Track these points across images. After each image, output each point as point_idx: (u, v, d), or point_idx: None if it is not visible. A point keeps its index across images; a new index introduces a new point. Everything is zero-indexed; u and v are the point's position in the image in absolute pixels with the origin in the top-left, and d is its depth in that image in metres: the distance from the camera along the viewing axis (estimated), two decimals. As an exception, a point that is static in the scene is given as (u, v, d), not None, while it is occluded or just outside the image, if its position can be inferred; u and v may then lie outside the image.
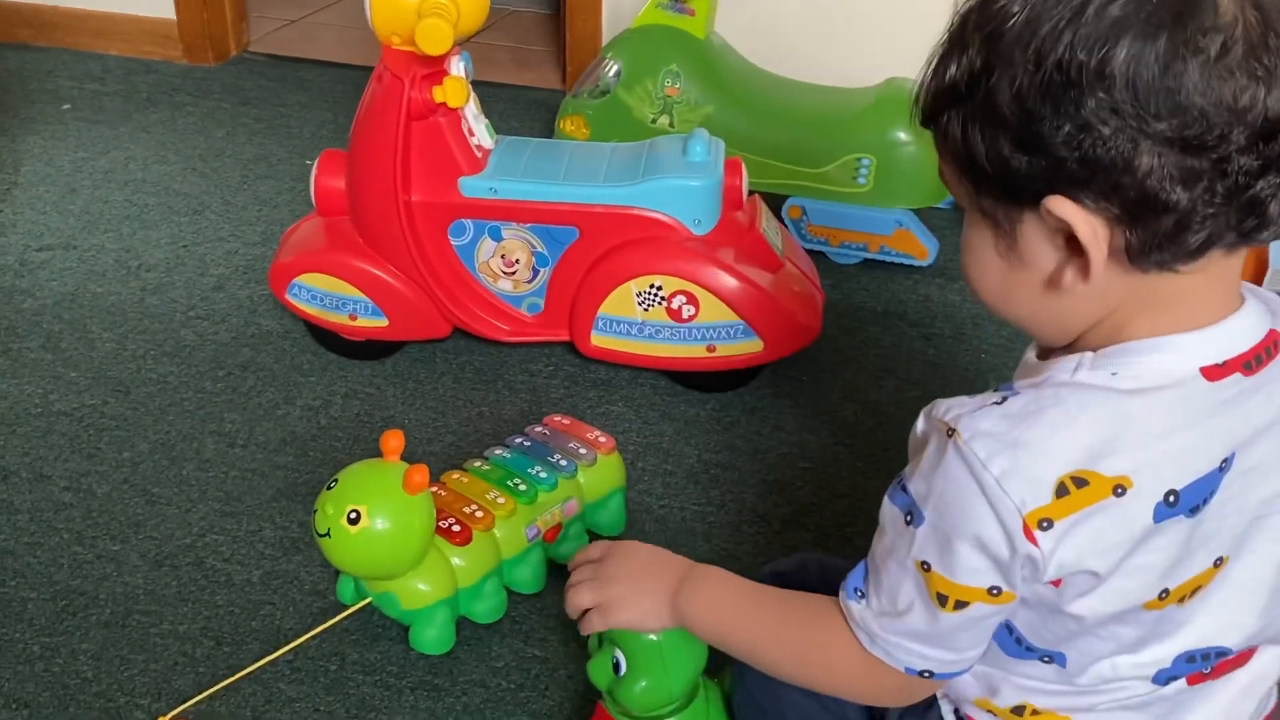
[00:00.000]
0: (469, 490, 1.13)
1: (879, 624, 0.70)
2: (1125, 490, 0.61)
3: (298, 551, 1.21)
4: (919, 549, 0.66)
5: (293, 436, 1.38)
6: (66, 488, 1.29)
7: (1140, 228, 0.59)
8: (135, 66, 2.42)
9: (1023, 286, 0.65)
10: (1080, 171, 0.58)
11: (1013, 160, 0.60)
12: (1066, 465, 0.61)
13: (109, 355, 1.51)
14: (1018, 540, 0.62)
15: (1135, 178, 0.57)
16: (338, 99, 2.29)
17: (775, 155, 1.72)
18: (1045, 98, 0.58)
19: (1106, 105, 0.56)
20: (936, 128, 0.65)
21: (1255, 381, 0.64)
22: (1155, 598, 0.65)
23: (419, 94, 1.33)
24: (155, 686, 1.06)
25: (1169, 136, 0.56)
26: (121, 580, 1.17)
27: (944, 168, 0.66)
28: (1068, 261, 0.62)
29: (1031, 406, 0.62)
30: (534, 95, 2.35)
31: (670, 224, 1.38)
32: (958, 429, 0.62)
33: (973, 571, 0.64)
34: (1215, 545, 0.66)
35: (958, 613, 0.66)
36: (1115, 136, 0.57)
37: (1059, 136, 0.58)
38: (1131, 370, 0.62)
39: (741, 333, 1.39)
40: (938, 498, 0.64)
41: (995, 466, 0.61)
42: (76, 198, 1.90)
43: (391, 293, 1.43)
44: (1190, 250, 0.59)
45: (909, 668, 0.70)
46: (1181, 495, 0.62)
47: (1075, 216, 0.59)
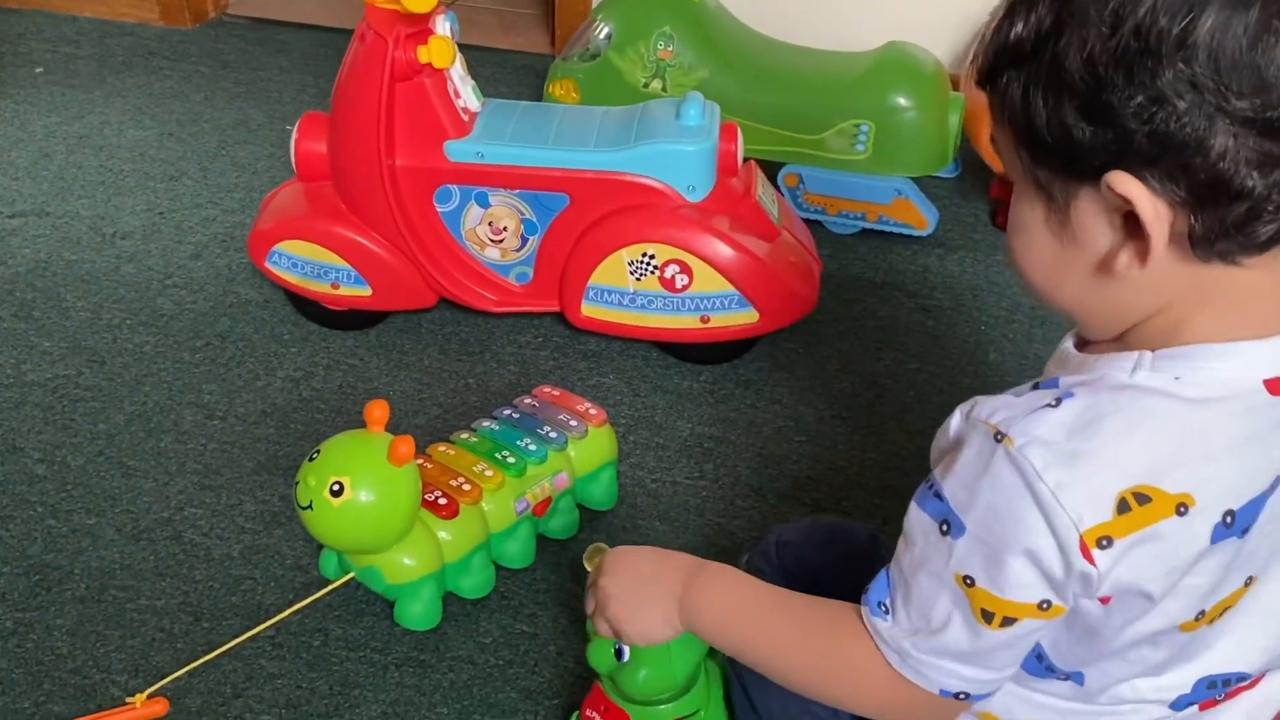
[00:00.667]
0: (456, 463, 1.13)
1: (911, 642, 0.67)
2: (1188, 509, 0.59)
3: (279, 525, 1.20)
4: (959, 562, 0.63)
5: (273, 408, 1.37)
6: (40, 460, 1.28)
7: (1207, 213, 0.56)
8: (110, 29, 2.40)
9: (1073, 268, 0.62)
10: (1149, 148, 0.55)
11: (1076, 130, 0.57)
12: (1129, 479, 0.58)
13: (83, 325, 1.50)
14: (1073, 557, 0.59)
15: (1208, 159, 0.54)
16: (318, 63, 2.27)
17: (771, 121, 1.71)
18: (1119, 64, 0.54)
19: (1185, 77, 0.53)
20: (994, 89, 0.62)
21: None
22: (1192, 619, 0.64)
23: (403, 54, 1.31)
24: (132, 663, 1.05)
25: (1249, 116, 0.53)
26: (97, 554, 1.16)
27: (997, 133, 0.63)
28: (1123, 244, 0.59)
29: (1090, 413, 0.59)
30: (521, 59, 2.33)
31: (663, 190, 1.37)
32: (1009, 434, 0.60)
33: (1023, 586, 0.61)
34: (1249, 565, 0.64)
35: (1004, 630, 0.63)
36: (1191, 112, 0.54)
37: (1130, 108, 0.55)
38: (1195, 376, 0.59)
39: (736, 303, 1.39)
40: (984, 507, 0.61)
41: (1051, 477, 0.58)
42: (49, 163, 1.88)
43: (375, 261, 1.42)
44: (1259, 242, 0.57)
45: (944, 689, 0.67)
46: (1238, 516, 0.60)
47: (1139, 195, 0.56)
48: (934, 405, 1.40)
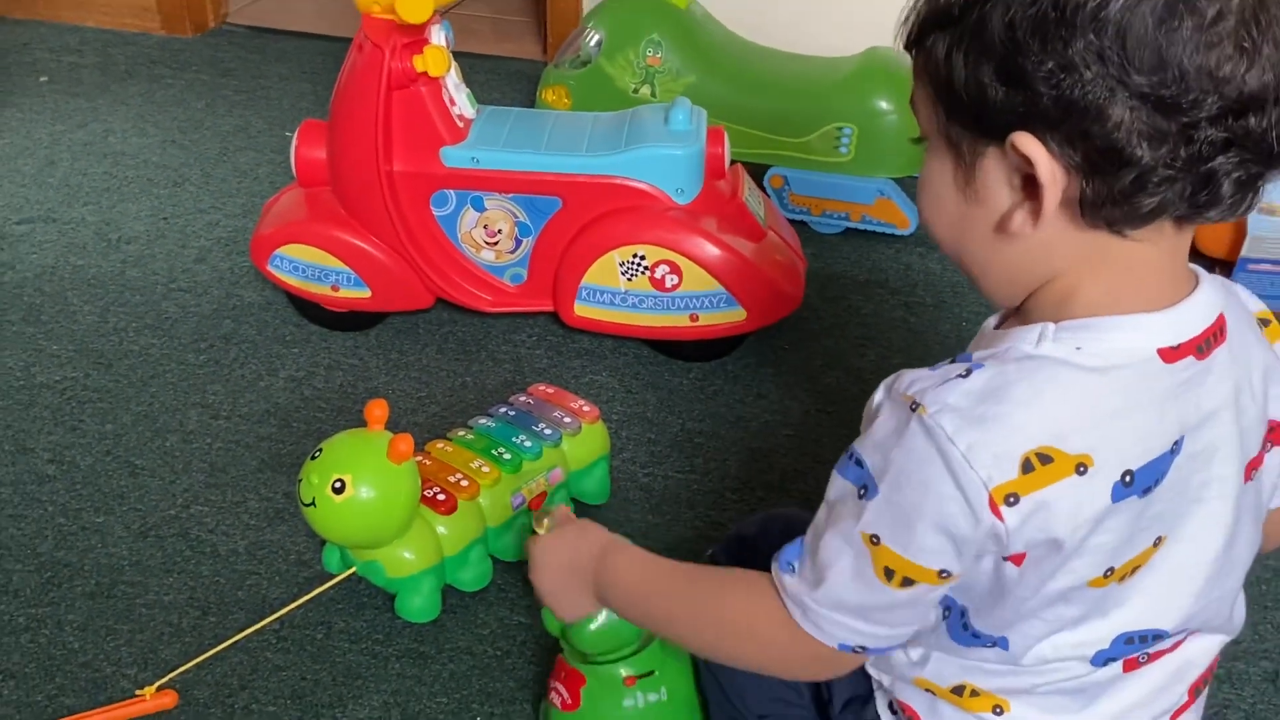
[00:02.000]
0: (454, 459, 1.13)
1: (812, 597, 0.68)
2: (1087, 468, 0.61)
3: (283, 522, 1.20)
4: (869, 522, 0.64)
5: (276, 408, 1.37)
6: (50, 460, 1.28)
7: (1098, 179, 0.58)
8: (113, 38, 2.39)
9: (975, 226, 0.65)
10: (1054, 112, 0.58)
11: (990, 90, 0.59)
12: (1032, 441, 0.60)
13: (90, 328, 1.50)
14: (982, 514, 0.61)
15: (1105, 127, 0.57)
16: (317, 70, 2.27)
17: (757, 125, 1.71)
18: (1035, 32, 0.57)
19: (1094, 49, 0.56)
20: (920, 50, 0.64)
21: (1205, 365, 0.64)
22: (1100, 575, 0.65)
23: (399, 63, 1.31)
24: (141, 656, 1.05)
25: (1145, 92, 0.56)
26: (106, 552, 1.16)
27: (917, 93, 0.66)
28: (1020, 204, 0.62)
29: (997, 380, 0.61)
30: (515, 66, 2.33)
31: (653, 193, 1.37)
32: (923, 403, 0.61)
33: (928, 551, 0.63)
34: (1158, 526, 0.66)
35: (903, 590, 0.65)
36: (1095, 82, 0.56)
37: (1040, 72, 0.57)
38: (1094, 346, 0.62)
39: (724, 302, 1.39)
40: (897, 471, 0.63)
41: (962, 441, 0.60)
42: (55, 170, 1.88)
43: (374, 263, 1.42)
44: (1141, 213, 0.59)
45: (842, 643, 0.69)
46: (1137, 476, 0.62)
47: (1039, 155, 0.59)
48: (916, 399, 1.40)
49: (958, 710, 0.73)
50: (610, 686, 0.91)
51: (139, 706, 1.00)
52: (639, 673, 0.90)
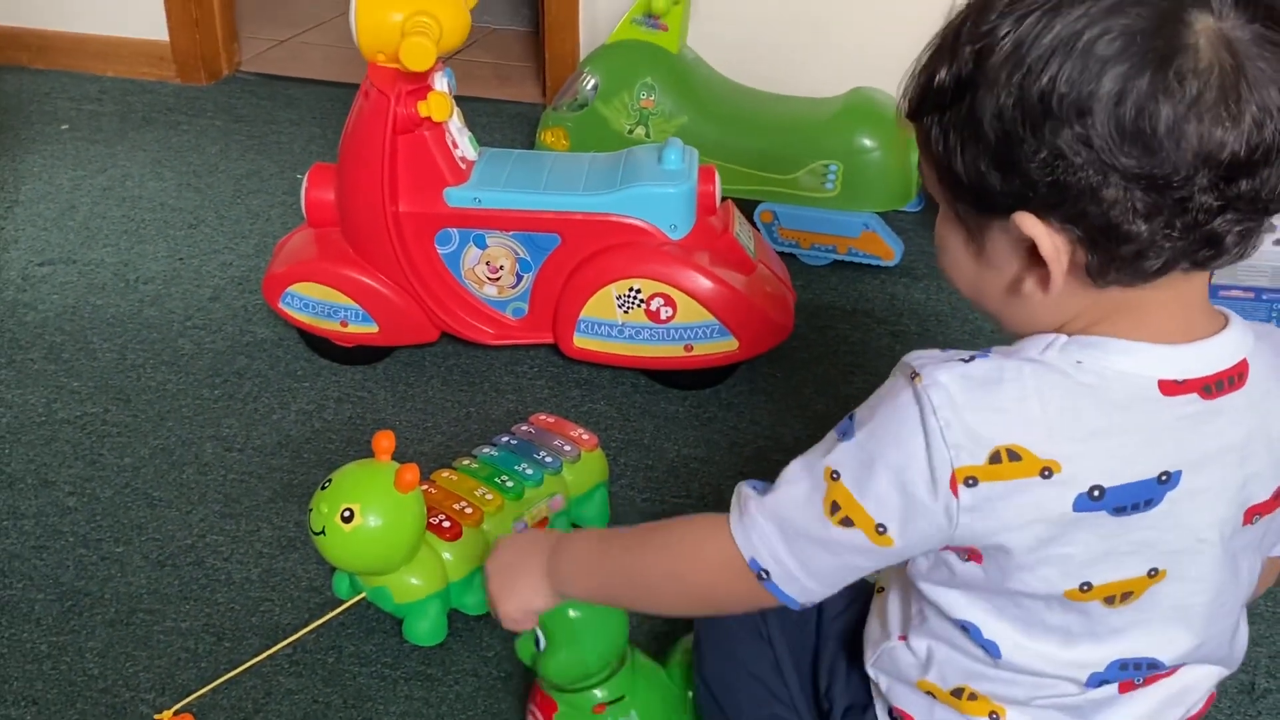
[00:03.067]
0: (458, 488, 1.13)
1: (756, 503, 0.69)
2: (1052, 473, 0.61)
3: (294, 550, 1.20)
4: (836, 459, 0.65)
5: (288, 440, 1.37)
6: (71, 493, 1.28)
7: (1101, 251, 0.59)
8: (131, 87, 2.41)
9: (991, 286, 0.66)
10: (1050, 195, 0.58)
11: (988, 176, 0.60)
12: (1007, 436, 0.61)
13: (110, 365, 1.51)
14: (941, 487, 0.62)
15: (1100, 207, 0.58)
16: (326, 115, 2.28)
17: (747, 163, 1.72)
18: (1025, 123, 0.58)
19: (1081, 138, 0.56)
20: (919, 126, 0.65)
21: (1213, 406, 0.63)
22: (1076, 588, 0.65)
23: (404, 109, 1.33)
24: (159, 682, 1.05)
25: (1136, 173, 0.56)
26: (125, 580, 1.16)
27: (923, 164, 0.67)
28: (1028, 270, 0.63)
29: (994, 374, 0.62)
30: (515, 109, 2.35)
31: (648, 229, 1.38)
32: (921, 373, 0.63)
33: (878, 500, 0.64)
34: (1150, 555, 0.65)
35: (839, 529, 0.65)
36: (1086, 167, 0.57)
37: (1034, 160, 0.58)
38: (1094, 364, 0.62)
39: (717, 332, 1.40)
40: (877, 423, 0.64)
41: (943, 416, 0.61)
42: (76, 214, 1.89)
43: (381, 300, 1.43)
44: (1147, 274, 0.60)
45: (753, 559, 0.68)
46: (1108, 493, 0.62)
47: (1040, 234, 0.60)
48: (903, 424, 1.41)
49: (955, 714, 0.73)
50: (580, 713, 0.90)
51: (157, 730, 1.00)
52: (609, 699, 0.89)
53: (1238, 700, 1.05)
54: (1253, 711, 1.04)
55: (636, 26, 1.80)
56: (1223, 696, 1.04)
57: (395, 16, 1.27)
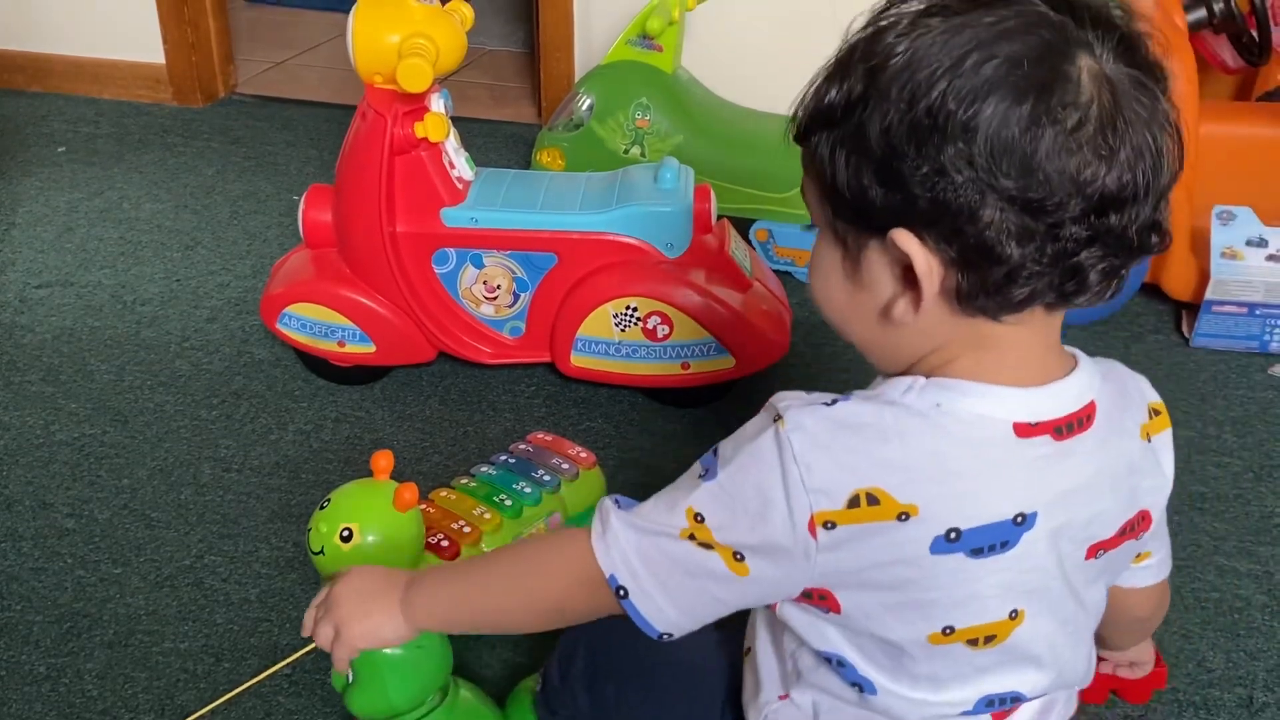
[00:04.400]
0: (457, 507, 1.14)
1: (617, 518, 0.69)
2: (909, 517, 0.62)
3: (293, 570, 1.21)
4: (699, 500, 0.66)
5: (286, 460, 1.38)
6: (69, 514, 1.28)
7: (972, 273, 0.60)
8: (127, 109, 2.42)
9: (861, 310, 0.67)
10: (929, 211, 0.60)
11: (870, 190, 0.61)
12: (866, 481, 0.62)
13: (107, 386, 1.51)
14: (799, 530, 0.63)
15: (977, 227, 0.59)
16: (322, 137, 2.30)
17: (742, 181, 1.73)
18: (910, 138, 0.59)
19: (964, 156, 0.58)
20: (806, 146, 0.66)
21: (1064, 447, 0.64)
22: (939, 631, 0.66)
23: (401, 130, 1.34)
24: (158, 703, 1.05)
25: (1013, 195, 0.58)
26: (124, 601, 1.16)
27: (806, 185, 0.67)
28: (902, 293, 0.63)
29: (854, 418, 0.63)
30: (511, 130, 2.36)
31: (644, 248, 1.39)
32: (784, 417, 0.63)
33: (737, 543, 0.65)
34: (1011, 597, 0.66)
35: (698, 550, 0.66)
36: (967, 185, 0.58)
37: (916, 176, 0.59)
38: (952, 406, 0.63)
39: (714, 350, 1.40)
40: (738, 466, 0.65)
41: (803, 461, 0.62)
42: (73, 236, 1.90)
43: (378, 320, 1.44)
44: (1014, 303, 0.61)
45: (613, 575, 0.68)
46: (964, 535, 0.63)
47: (916, 251, 0.61)
48: (900, 440, 1.41)
49: None
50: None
51: (156, 751, 1.00)
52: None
53: (1236, 714, 1.05)
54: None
55: (631, 47, 1.81)
56: (1220, 710, 1.05)
57: (392, 38, 1.28)
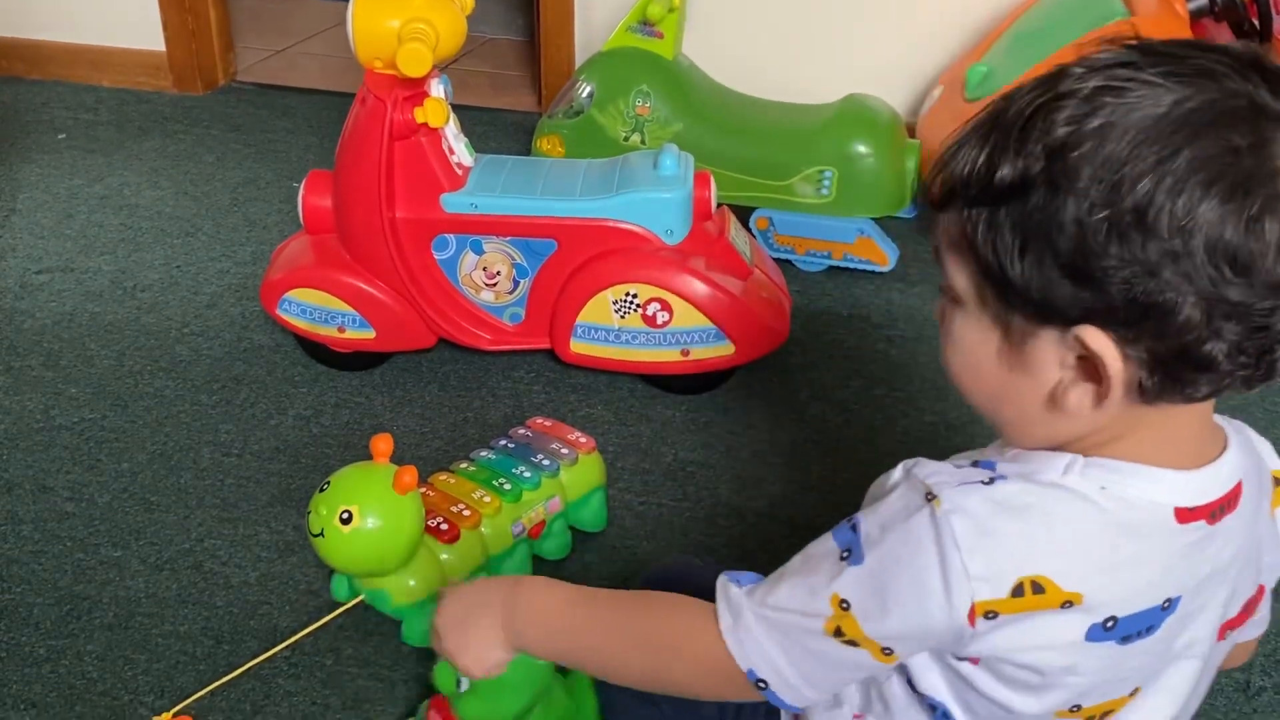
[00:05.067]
0: (456, 490, 1.14)
1: (752, 614, 0.65)
2: (1073, 605, 0.59)
3: (293, 554, 1.21)
4: (844, 586, 0.62)
5: (285, 445, 1.38)
6: (69, 498, 1.29)
7: (1163, 372, 0.56)
8: (127, 97, 2.42)
9: (1020, 394, 0.61)
10: (1125, 312, 0.55)
11: (1055, 286, 0.56)
12: (1031, 569, 0.58)
13: (107, 371, 1.51)
14: (958, 618, 0.59)
15: (1177, 329, 0.54)
16: (322, 124, 2.29)
17: (742, 169, 1.73)
18: (1111, 234, 0.53)
19: (1171, 255, 0.53)
20: (957, 216, 0.60)
21: (1213, 530, 0.62)
22: (1067, 710, 0.64)
23: (401, 115, 1.34)
24: (158, 684, 1.06)
25: (1226, 298, 0.53)
26: (123, 584, 1.17)
27: (948, 254, 0.62)
28: (1073, 383, 0.59)
29: (1018, 499, 0.59)
30: (511, 118, 2.36)
31: (644, 235, 1.39)
32: (939, 496, 0.59)
33: (887, 636, 0.61)
34: (1136, 678, 0.65)
35: (845, 648, 0.62)
36: (1172, 288, 0.53)
37: (1116, 276, 0.54)
38: (1117, 490, 0.60)
39: (714, 337, 1.41)
40: (888, 551, 0.60)
41: (965, 545, 0.58)
42: (73, 222, 1.90)
43: (378, 306, 1.44)
44: (1198, 397, 0.58)
45: (751, 670, 0.65)
46: (1120, 623, 0.61)
47: (1108, 352, 0.56)
48: (899, 428, 1.42)
49: None
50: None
51: (156, 732, 1.00)
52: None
53: (1233, 699, 1.05)
54: (1248, 709, 1.04)
55: (632, 34, 1.81)
56: (1218, 694, 1.05)
57: (392, 23, 1.28)
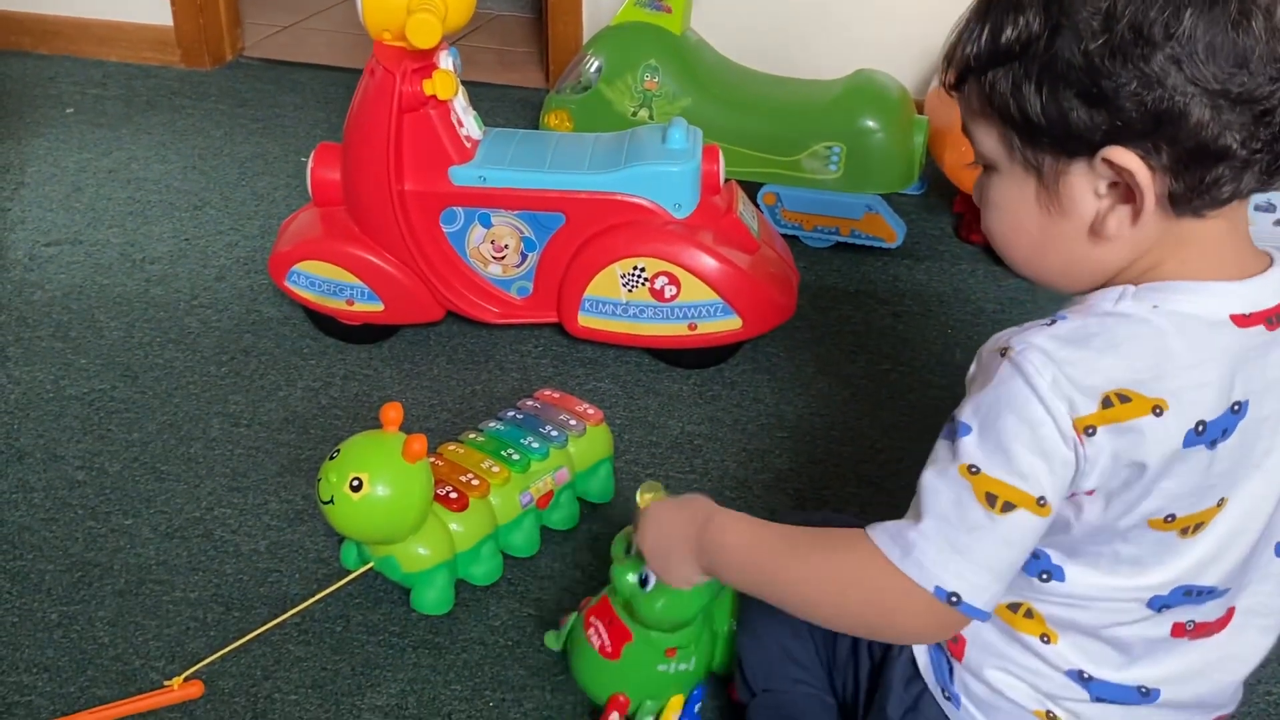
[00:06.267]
0: (465, 460, 1.14)
1: (915, 530, 0.66)
2: (1163, 411, 0.63)
3: (302, 523, 1.22)
4: (965, 454, 0.65)
5: (295, 416, 1.39)
6: (80, 467, 1.29)
7: (1187, 175, 0.61)
8: (135, 72, 2.42)
9: (1062, 237, 0.67)
10: (1140, 124, 0.60)
11: (1074, 114, 0.62)
12: (1112, 383, 0.63)
13: (117, 343, 1.52)
14: (1069, 437, 0.63)
15: (1191, 129, 0.60)
16: (330, 99, 2.29)
17: (750, 145, 1.73)
18: (1115, 55, 0.59)
19: (1173, 60, 0.59)
20: (976, 85, 0.66)
21: (1275, 336, 0.66)
22: (1161, 519, 0.67)
23: (410, 87, 1.34)
24: (169, 650, 1.07)
25: (1228, 91, 0.59)
26: (134, 552, 1.18)
27: (974, 125, 0.68)
28: (1111, 208, 0.64)
29: (1080, 331, 0.64)
30: (519, 94, 2.36)
31: (652, 208, 1.39)
32: (1010, 345, 0.64)
33: (1026, 474, 0.64)
34: (1221, 487, 0.67)
35: (1004, 516, 0.64)
36: (1178, 92, 0.59)
37: (1125, 91, 0.60)
38: (1170, 306, 0.64)
39: (721, 311, 1.41)
40: (989, 407, 0.65)
41: (1047, 373, 0.63)
42: (81, 196, 1.90)
43: (387, 278, 1.44)
44: (1224, 197, 0.62)
45: (939, 587, 0.66)
46: (1209, 427, 0.64)
47: (1135, 165, 0.61)
48: (905, 402, 1.42)
49: (1007, 630, 0.73)
50: (654, 651, 0.93)
51: (167, 696, 1.00)
52: (676, 645, 0.93)
53: (1236, 670, 1.06)
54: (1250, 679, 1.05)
55: (640, 8, 1.81)
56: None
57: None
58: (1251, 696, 1.03)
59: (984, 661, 0.75)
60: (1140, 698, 0.73)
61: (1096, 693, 0.73)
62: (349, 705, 1.01)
